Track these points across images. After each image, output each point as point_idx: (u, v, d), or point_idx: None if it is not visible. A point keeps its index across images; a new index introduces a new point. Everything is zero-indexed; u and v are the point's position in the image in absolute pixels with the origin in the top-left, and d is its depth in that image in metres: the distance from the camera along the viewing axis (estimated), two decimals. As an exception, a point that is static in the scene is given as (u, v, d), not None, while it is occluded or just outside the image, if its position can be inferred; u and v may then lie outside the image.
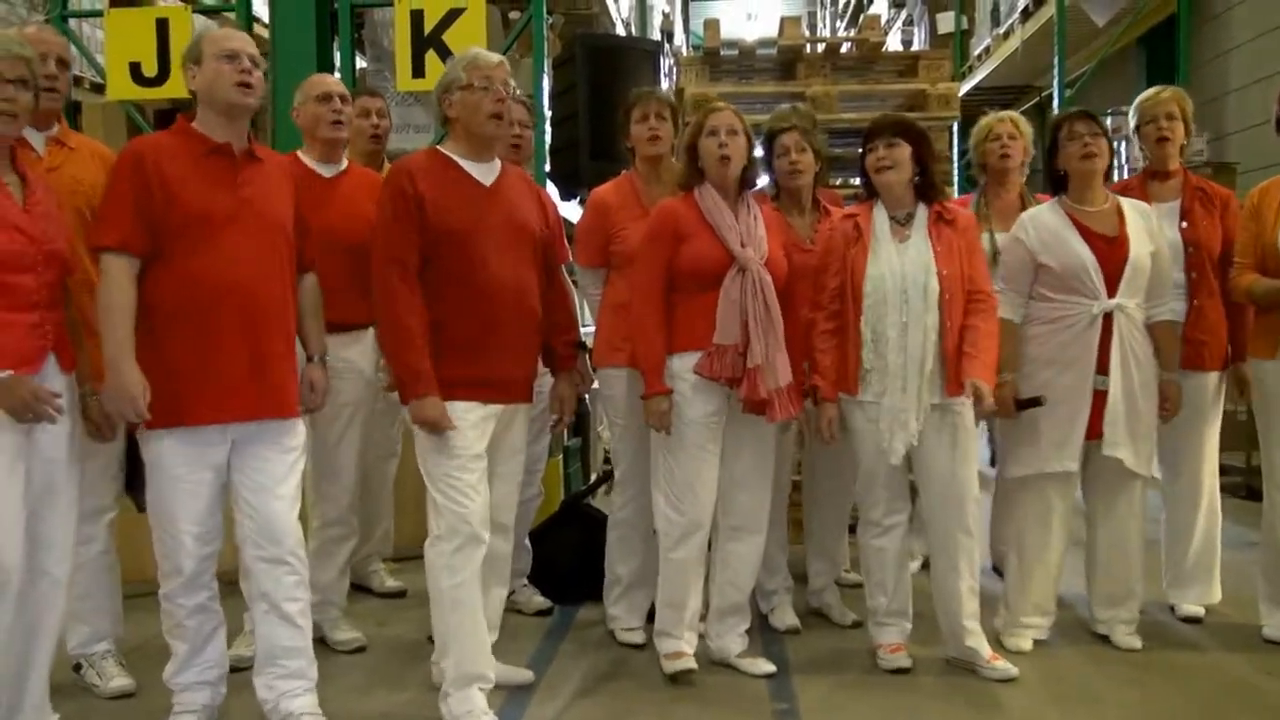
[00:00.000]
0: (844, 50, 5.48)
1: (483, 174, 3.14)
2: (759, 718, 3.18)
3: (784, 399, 3.32)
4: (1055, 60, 9.12)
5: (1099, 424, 3.51)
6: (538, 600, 4.16)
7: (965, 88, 11.17)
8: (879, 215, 3.45)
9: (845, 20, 19.25)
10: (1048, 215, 3.63)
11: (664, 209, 3.44)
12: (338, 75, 5.59)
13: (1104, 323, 3.50)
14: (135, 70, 5.68)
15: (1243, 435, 5.49)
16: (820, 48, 5.37)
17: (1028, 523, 3.67)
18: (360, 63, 7.05)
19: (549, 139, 5.54)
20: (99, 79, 6.33)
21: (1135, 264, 3.50)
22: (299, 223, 3.11)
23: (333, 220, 3.59)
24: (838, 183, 5.03)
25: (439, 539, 3.02)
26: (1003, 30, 10.53)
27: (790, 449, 3.91)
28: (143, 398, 2.78)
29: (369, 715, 3.21)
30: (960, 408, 3.36)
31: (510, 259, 3.09)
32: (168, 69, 5.51)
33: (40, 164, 3.14)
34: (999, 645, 3.56)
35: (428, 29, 5.40)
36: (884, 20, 14.01)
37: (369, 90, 4.52)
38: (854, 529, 3.80)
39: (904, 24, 14.64)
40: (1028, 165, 4.38)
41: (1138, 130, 3.96)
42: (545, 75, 5.69)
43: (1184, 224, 3.80)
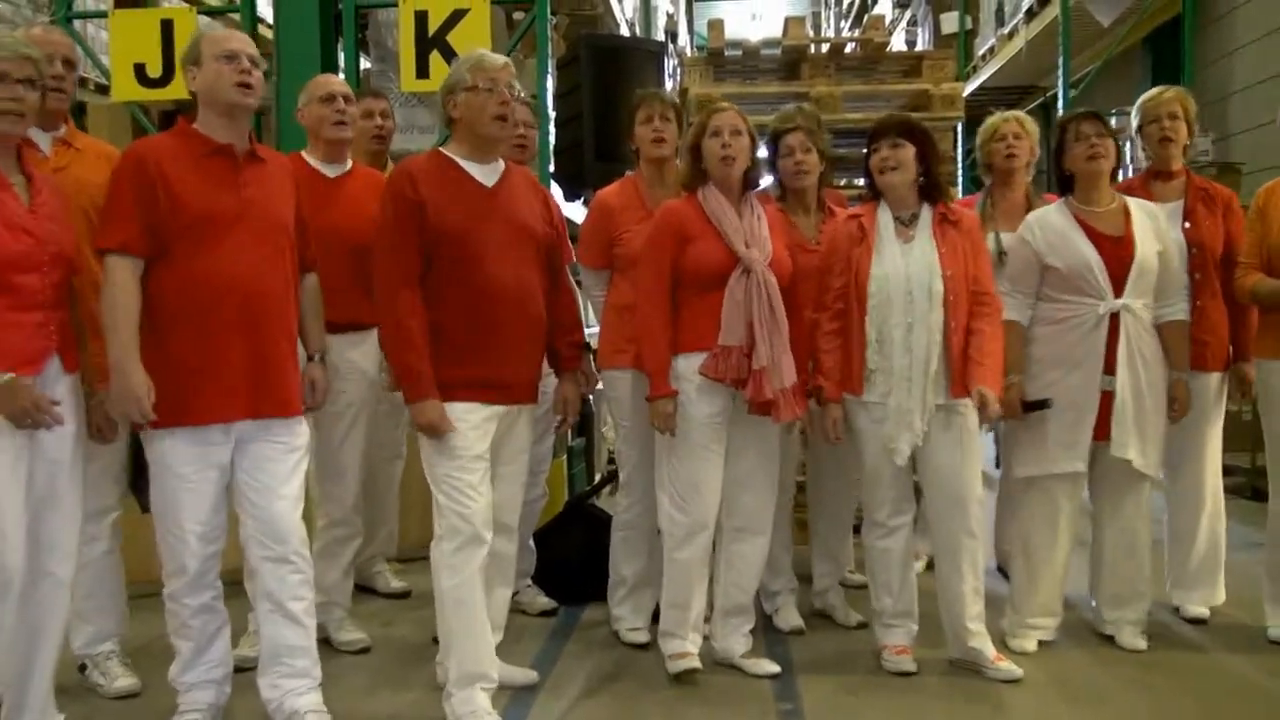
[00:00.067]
0: (848, 51, 5.48)
1: (485, 175, 3.14)
2: (763, 718, 3.17)
3: (789, 399, 3.32)
4: (1060, 60, 9.10)
5: (1106, 425, 3.51)
6: (542, 601, 4.16)
7: (969, 88, 11.17)
8: (883, 216, 3.45)
9: (849, 21, 19.26)
10: (1054, 216, 3.63)
11: (668, 210, 3.44)
12: (342, 76, 5.59)
13: (1111, 323, 3.49)
14: (140, 71, 5.69)
15: (1248, 436, 5.49)
16: (824, 48, 5.36)
17: (1034, 523, 3.67)
18: (364, 63, 7.05)
19: (553, 140, 5.54)
20: (104, 80, 6.34)
21: (1142, 264, 3.49)
22: (300, 223, 3.12)
23: (336, 220, 3.60)
24: (842, 183, 5.03)
25: (441, 539, 3.02)
26: (1007, 30, 10.52)
27: (794, 449, 3.90)
28: (147, 398, 2.78)
29: (373, 716, 3.21)
30: (964, 409, 3.36)
31: (512, 260, 3.09)
32: (172, 70, 5.52)
33: (46, 164, 3.15)
34: (1004, 646, 3.56)
35: (432, 30, 5.41)
36: (888, 20, 14.03)
37: (373, 91, 4.52)
38: (858, 530, 3.79)
39: (908, 24, 14.65)
40: (1033, 165, 4.37)
41: (1140, 130, 3.95)
42: (549, 76, 5.69)
43: (1187, 224, 3.79)
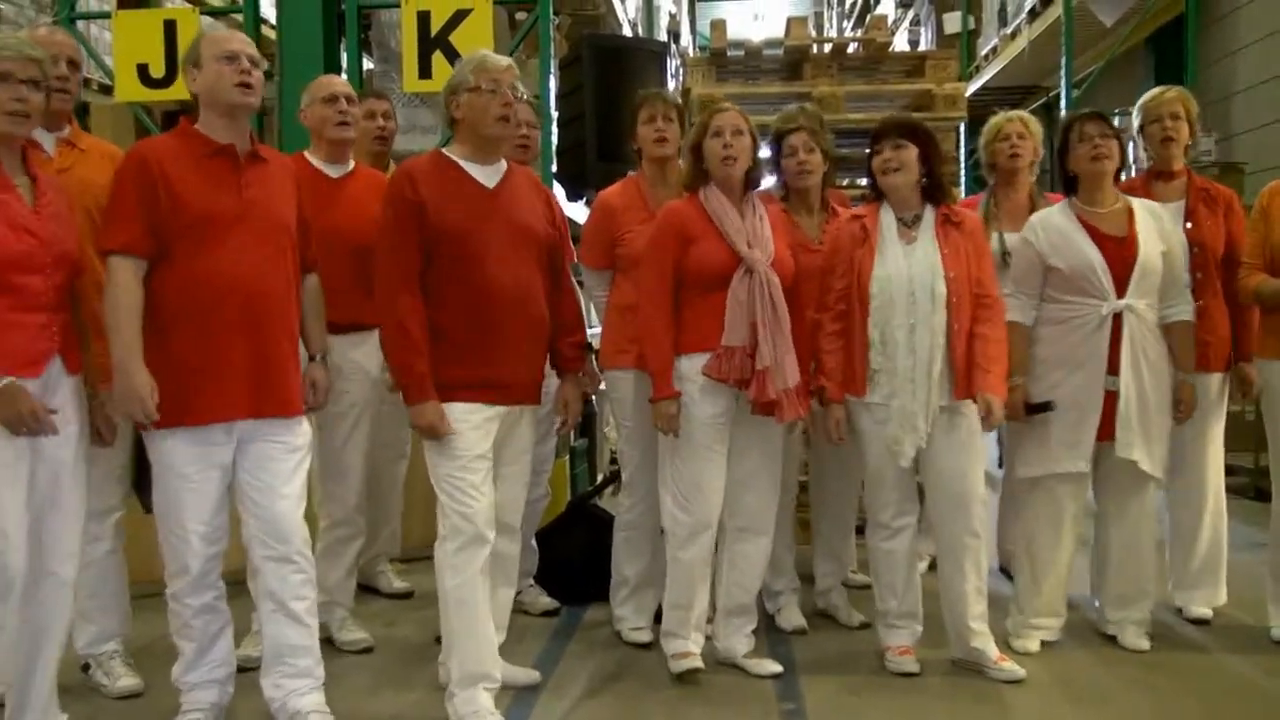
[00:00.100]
0: (850, 51, 5.48)
1: (486, 176, 3.14)
2: (766, 718, 3.17)
3: (792, 399, 3.32)
4: (1063, 60, 9.10)
5: (1110, 425, 3.51)
6: (544, 601, 4.16)
7: (972, 88, 11.16)
8: (886, 217, 3.45)
9: (852, 21, 19.26)
10: (1057, 217, 3.63)
11: (670, 211, 3.44)
12: (345, 76, 5.59)
13: (1114, 324, 3.49)
14: (143, 72, 5.70)
15: (1251, 436, 5.49)
16: (827, 48, 5.37)
17: (1038, 524, 3.66)
18: (367, 64, 7.05)
19: (555, 140, 5.54)
20: (107, 80, 6.34)
21: (1145, 264, 3.49)
22: (302, 223, 3.12)
23: (339, 221, 3.61)
24: (844, 183, 5.03)
25: (444, 539, 3.03)
26: (1010, 30, 10.51)
27: (797, 450, 3.90)
28: (151, 398, 2.79)
29: (376, 716, 3.21)
30: (968, 409, 3.36)
31: (513, 261, 3.09)
32: (175, 70, 5.53)
33: (51, 165, 3.15)
34: (1006, 647, 3.56)
35: (435, 30, 5.41)
36: (890, 20, 14.04)
37: (375, 92, 4.53)
38: (861, 530, 3.79)
39: (910, 24, 14.66)
40: (1037, 165, 4.37)
41: (1142, 130, 3.95)
42: (552, 76, 5.69)
43: (1188, 224, 3.79)
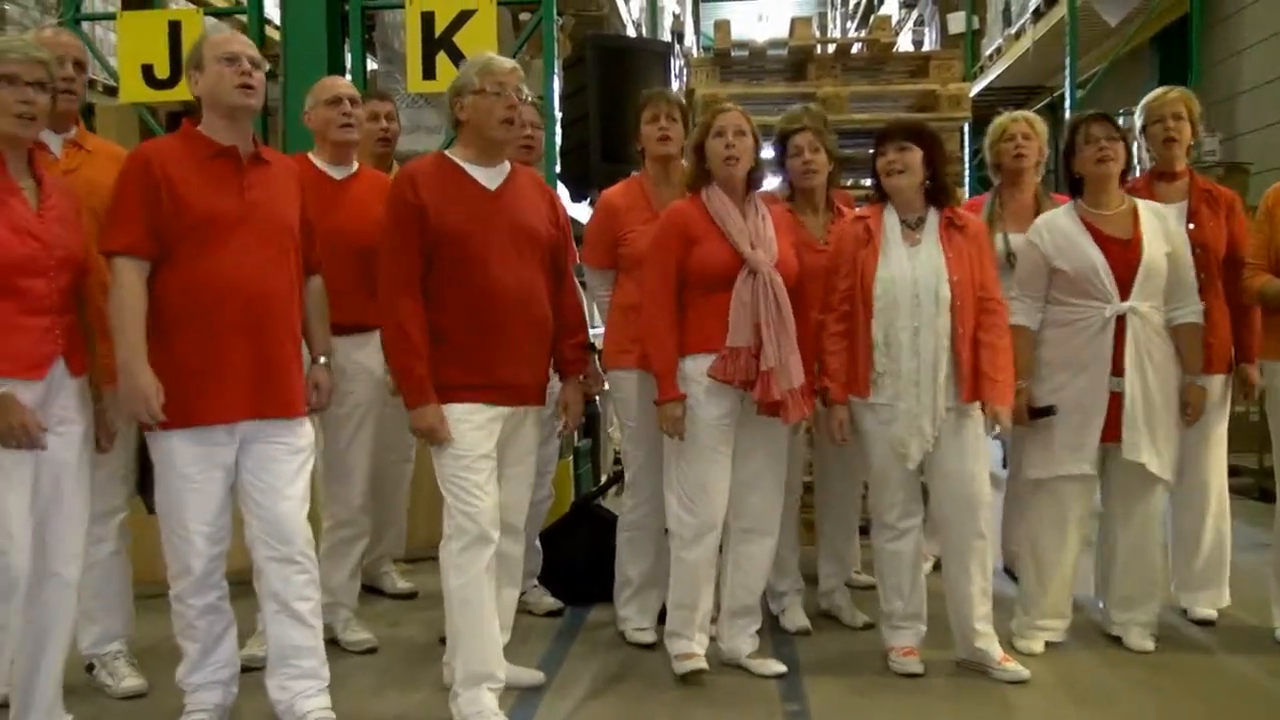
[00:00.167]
0: (855, 51, 5.48)
1: (489, 178, 3.14)
2: (770, 719, 3.17)
3: (798, 400, 3.32)
4: (1067, 60, 9.09)
5: (1116, 427, 3.50)
6: (548, 601, 4.16)
7: (976, 88, 11.15)
8: (890, 218, 3.45)
9: (856, 21, 19.25)
10: (1062, 219, 3.63)
11: (672, 212, 3.44)
12: (349, 77, 5.59)
13: (1117, 326, 3.49)
14: (148, 72, 5.71)
15: (1255, 437, 5.48)
16: (831, 48, 5.36)
17: (1043, 526, 3.66)
18: (371, 64, 7.06)
19: (559, 140, 5.54)
20: (112, 81, 6.35)
21: (1149, 266, 3.49)
22: (305, 225, 3.13)
23: (342, 222, 3.61)
24: (848, 184, 5.02)
25: (449, 538, 3.03)
26: (1014, 30, 10.50)
27: (802, 450, 3.90)
28: (156, 399, 2.80)
29: (380, 716, 3.21)
30: (973, 411, 3.37)
31: (515, 263, 3.10)
32: (179, 71, 5.53)
33: (57, 166, 3.16)
34: (1011, 647, 3.55)
35: (439, 31, 5.41)
36: (895, 21, 14.04)
37: (379, 94, 4.53)
38: (865, 530, 3.79)
39: (915, 24, 14.64)
40: (1043, 166, 4.36)
41: (1144, 131, 3.95)
42: (556, 77, 5.69)
43: (1190, 225, 3.78)
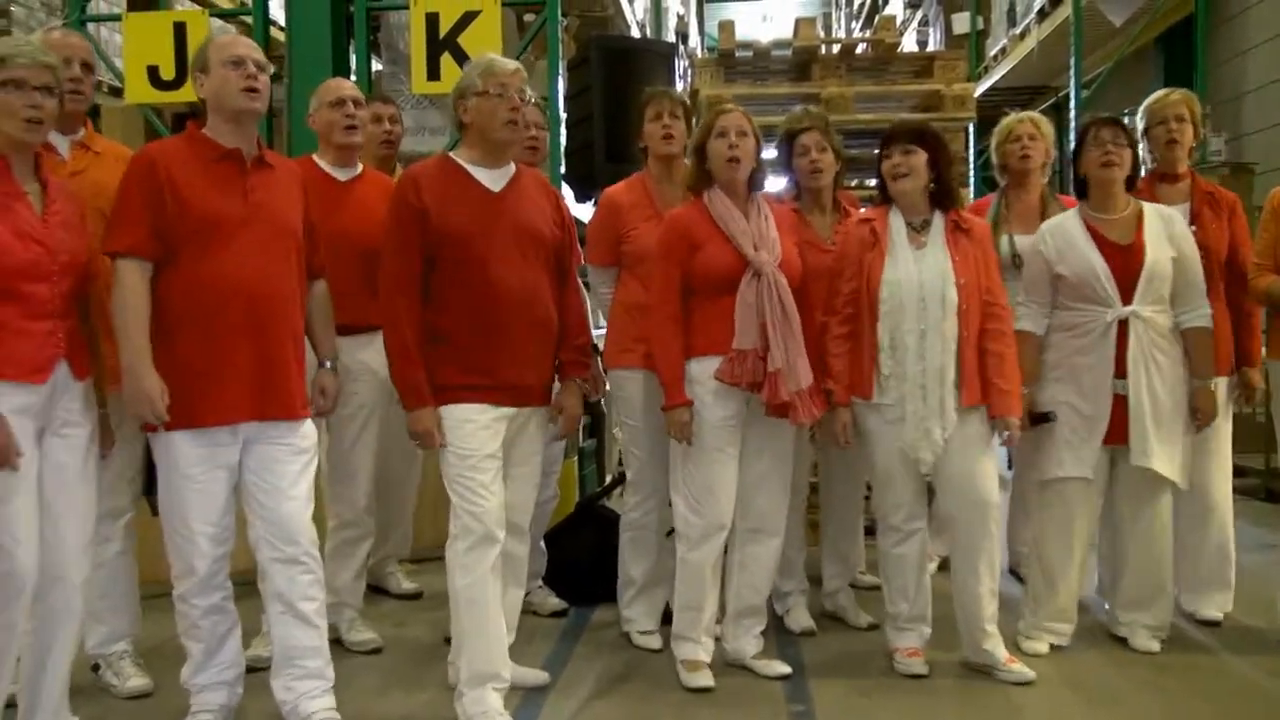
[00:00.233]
0: (859, 51, 5.47)
1: (493, 180, 3.15)
2: (775, 719, 3.18)
3: (806, 401, 3.31)
4: (1072, 61, 9.08)
5: (1120, 429, 3.50)
6: (553, 602, 4.17)
7: (981, 88, 11.15)
8: (895, 221, 3.45)
9: (860, 21, 19.23)
10: (1066, 224, 3.63)
11: (675, 217, 3.44)
12: (353, 79, 5.61)
13: (1119, 330, 3.48)
14: (153, 74, 5.72)
15: (1261, 438, 5.48)
16: (835, 49, 5.35)
17: (1049, 529, 3.65)
18: (376, 65, 7.07)
19: (564, 141, 5.54)
20: (117, 82, 6.37)
21: (1152, 270, 3.48)
22: (309, 228, 3.13)
23: (346, 224, 3.61)
24: (853, 184, 5.02)
25: (455, 538, 3.04)
26: (1019, 30, 10.50)
27: (808, 451, 3.89)
28: (161, 400, 2.80)
29: (386, 716, 3.21)
30: (978, 413, 3.36)
31: (519, 264, 3.10)
32: (185, 72, 5.54)
33: (64, 168, 3.16)
34: (1016, 648, 3.55)
35: (443, 32, 5.42)
36: (899, 21, 13.98)
37: (382, 96, 4.54)
38: (871, 531, 3.79)
39: (919, 25, 14.63)
40: (1049, 167, 4.35)
41: (1146, 133, 3.94)
42: (560, 77, 5.69)
43: (1193, 227, 3.77)
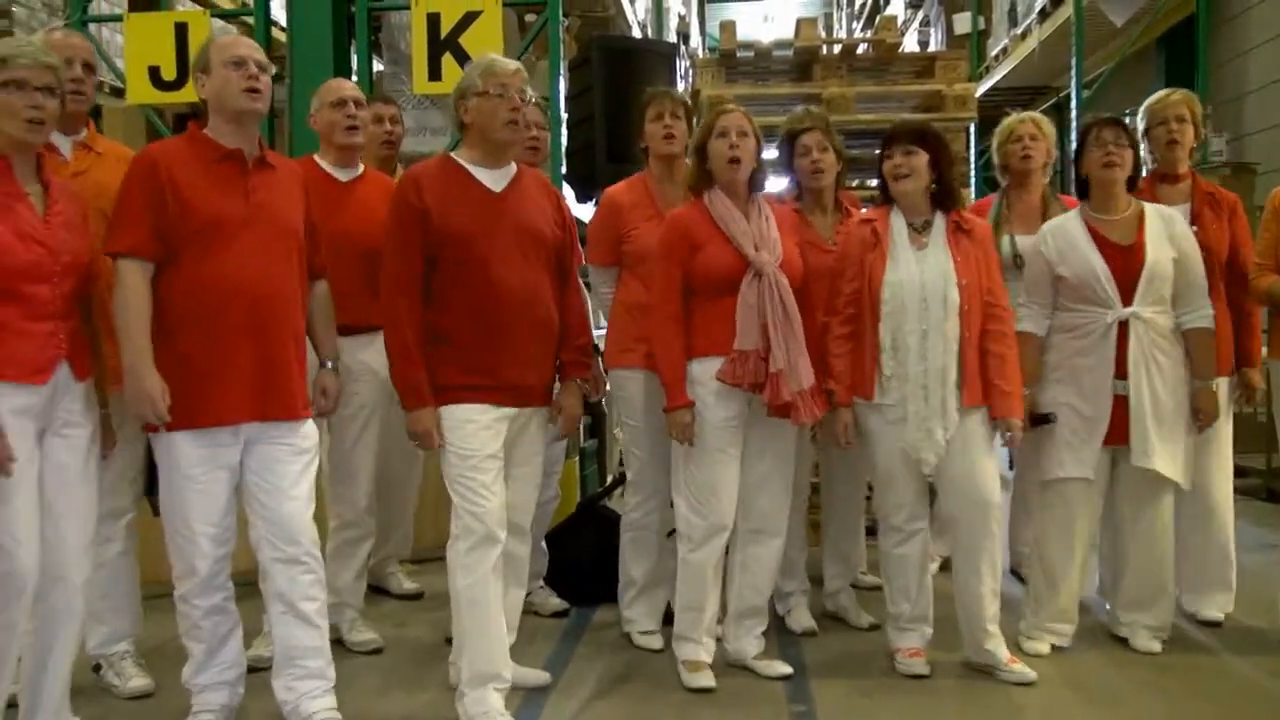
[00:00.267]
0: (860, 51, 5.46)
1: (494, 180, 3.15)
2: (776, 720, 3.18)
3: (808, 401, 3.31)
4: (1073, 61, 9.08)
5: (1120, 430, 3.50)
6: (554, 602, 4.17)
7: (982, 88, 11.14)
8: (896, 222, 3.45)
9: (861, 21, 19.23)
10: (1067, 225, 3.63)
11: (676, 219, 3.44)
12: (355, 79, 5.61)
13: (1120, 331, 3.48)
14: (154, 74, 5.73)
15: (1262, 438, 5.48)
16: (836, 49, 5.35)
17: (1050, 529, 3.65)
18: (377, 66, 7.07)
19: (565, 141, 5.54)
20: (118, 83, 6.37)
21: (1152, 271, 3.48)
22: (310, 228, 3.13)
23: (348, 224, 3.62)
24: (854, 184, 5.02)
25: (456, 538, 3.04)
26: (1020, 31, 10.49)
27: (810, 451, 3.89)
28: (162, 400, 2.80)
29: (387, 716, 3.22)
30: (979, 412, 3.36)
31: (520, 264, 3.10)
32: (186, 73, 5.54)
33: (66, 169, 3.16)
34: (1017, 648, 3.55)
35: (444, 32, 5.42)
36: (900, 21, 13.96)
37: (383, 97, 4.55)
38: (872, 532, 3.79)
39: (920, 25, 14.62)
40: (1050, 167, 4.35)
41: (1147, 134, 3.94)
42: (561, 78, 5.69)
43: (1193, 228, 3.77)
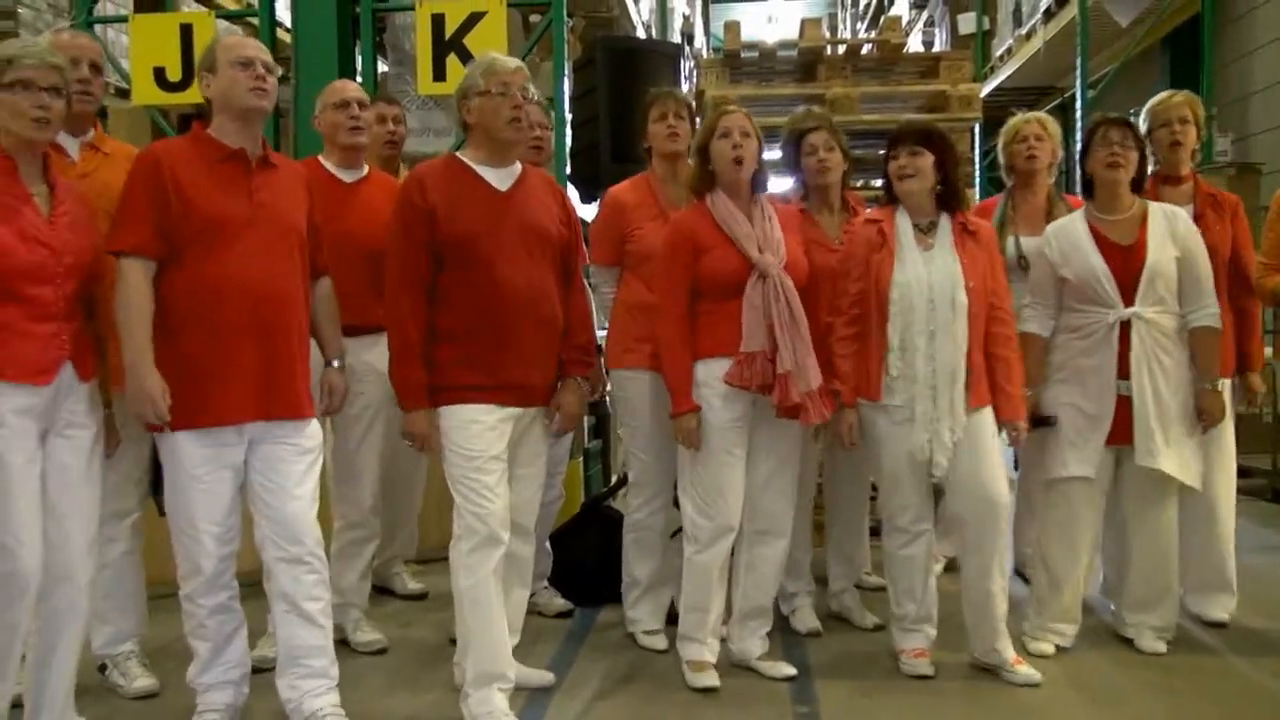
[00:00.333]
0: (865, 52, 5.47)
1: (499, 179, 3.15)
2: (780, 721, 3.18)
3: (817, 401, 3.31)
4: (1078, 61, 9.07)
5: (1124, 429, 3.49)
6: (559, 602, 4.17)
7: (987, 89, 11.14)
8: (902, 222, 3.44)
9: (866, 22, 19.23)
10: (1070, 225, 3.63)
11: (679, 223, 3.44)
12: (359, 79, 5.62)
13: (1121, 331, 3.48)
14: (159, 75, 5.74)
15: (1266, 438, 5.47)
16: (841, 49, 5.35)
17: (1053, 529, 3.65)
18: (382, 66, 7.08)
19: (569, 142, 5.55)
20: (124, 84, 6.38)
21: (1153, 271, 3.47)
22: (313, 227, 3.14)
23: (352, 225, 3.62)
24: (858, 184, 5.02)
25: (459, 539, 3.04)
26: (1025, 31, 10.49)
27: (815, 452, 3.89)
28: (163, 400, 2.81)
29: (391, 716, 3.22)
30: (986, 413, 3.36)
31: (525, 263, 3.10)
32: (192, 74, 5.55)
33: (73, 170, 3.17)
34: (1022, 649, 3.55)
35: (449, 33, 5.43)
36: (905, 21, 14.00)
37: (386, 97, 4.55)
38: (876, 532, 3.78)
39: (925, 25, 14.62)
40: (1056, 167, 4.35)
41: (1149, 135, 3.93)
42: (566, 78, 5.70)
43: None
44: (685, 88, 8.57)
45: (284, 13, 6.64)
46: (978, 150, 10.35)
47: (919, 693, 3.34)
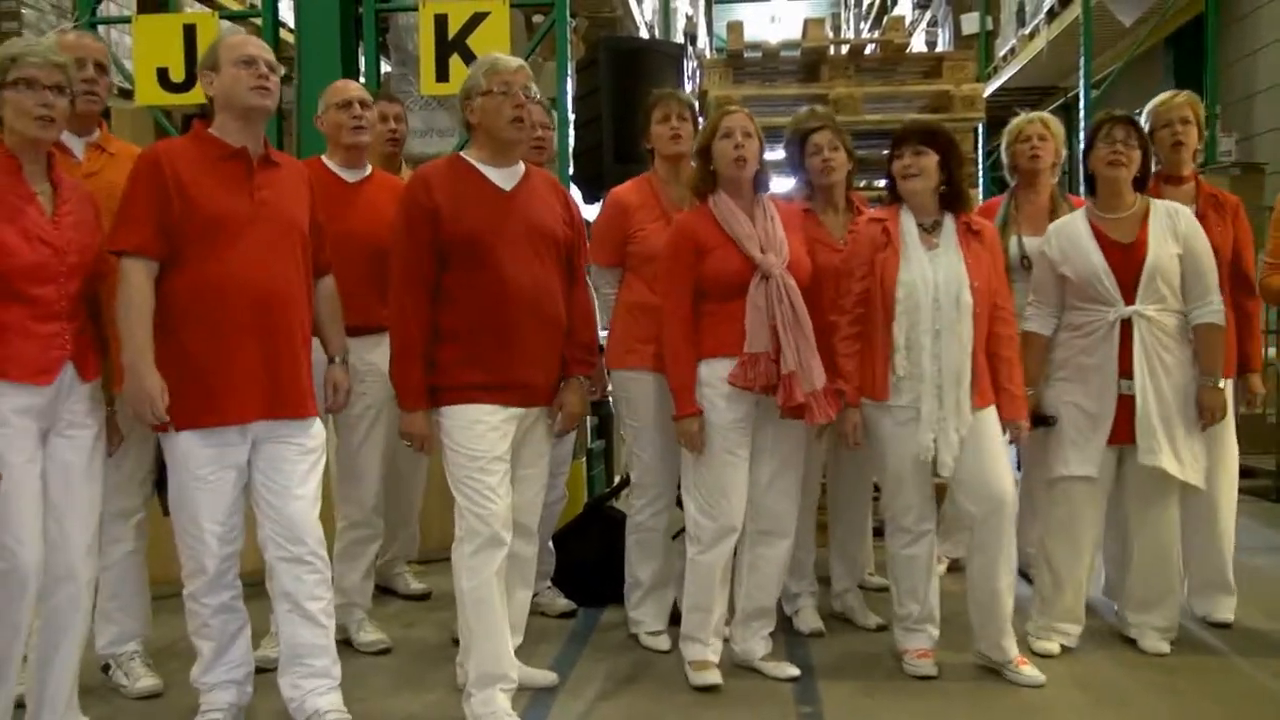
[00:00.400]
0: (868, 52, 5.46)
1: (504, 179, 3.15)
2: (783, 721, 3.18)
3: (821, 401, 3.31)
4: (1081, 61, 9.07)
5: (1126, 429, 3.49)
6: (561, 603, 4.17)
7: (990, 89, 11.13)
8: (907, 221, 3.44)
9: (869, 22, 19.22)
10: (1072, 224, 3.63)
11: (681, 224, 3.44)
12: (362, 80, 5.62)
13: (1123, 330, 3.48)
14: (163, 75, 5.74)
15: (1270, 438, 5.46)
16: (844, 49, 5.34)
17: (1055, 528, 3.65)
18: (385, 67, 7.08)
19: (572, 142, 5.55)
20: (127, 84, 6.39)
21: (1154, 268, 3.47)
22: (315, 226, 3.14)
23: (355, 225, 3.62)
24: (861, 185, 5.01)
25: (461, 540, 3.04)
26: (1028, 31, 10.48)
27: (819, 452, 3.89)
28: (161, 399, 2.81)
29: (394, 716, 3.22)
30: (990, 412, 3.36)
31: (529, 264, 3.10)
32: (194, 74, 5.56)
33: (78, 170, 3.17)
34: (1026, 649, 3.54)
35: (452, 33, 5.43)
36: (908, 21, 14.01)
37: (387, 95, 4.55)
38: (879, 533, 3.78)
39: (928, 25, 14.62)
40: (1059, 167, 4.34)
41: (1151, 136, 3.92)
42: (569, 79, 5.70)
43: None
44: (688, 88, 8.56)
45: (287, 13, 6.65)
46: (981, 150, 10.34)
47: (922, 693, 3.34)
